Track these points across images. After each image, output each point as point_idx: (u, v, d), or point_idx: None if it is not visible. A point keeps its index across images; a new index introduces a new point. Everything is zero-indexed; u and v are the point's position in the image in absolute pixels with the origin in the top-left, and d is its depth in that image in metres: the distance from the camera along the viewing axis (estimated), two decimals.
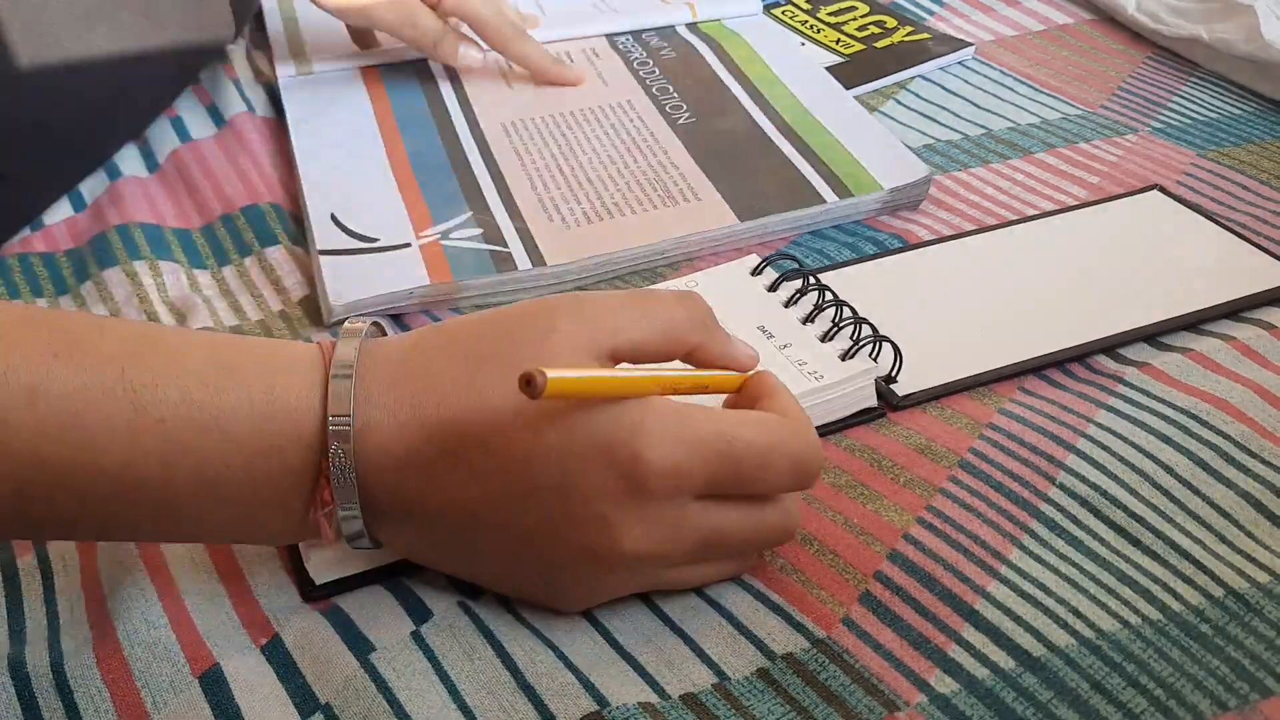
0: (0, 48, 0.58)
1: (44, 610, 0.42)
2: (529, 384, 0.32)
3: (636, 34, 0.79)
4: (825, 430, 0.48)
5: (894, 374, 0.50)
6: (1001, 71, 0.77)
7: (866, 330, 0.49)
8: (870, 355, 0.49)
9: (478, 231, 0.60)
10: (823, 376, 0.47)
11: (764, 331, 0.49)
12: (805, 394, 0.46)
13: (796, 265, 0.54)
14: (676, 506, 0.37)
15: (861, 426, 0.48)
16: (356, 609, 0.41)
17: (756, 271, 0.53)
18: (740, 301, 0.51)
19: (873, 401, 0.48)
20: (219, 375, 0.35)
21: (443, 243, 0.59)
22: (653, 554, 0.37)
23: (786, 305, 0.51)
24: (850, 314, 0.50)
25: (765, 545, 0.42)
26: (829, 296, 0.51)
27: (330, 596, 0.42)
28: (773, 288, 0.52)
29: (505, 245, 0.59)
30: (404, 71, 0.74)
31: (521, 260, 0.58)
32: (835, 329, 0.49)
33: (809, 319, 0.50)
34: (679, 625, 0.41)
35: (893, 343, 0.50)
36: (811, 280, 0.52)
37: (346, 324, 0.38)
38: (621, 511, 0.36)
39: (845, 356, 0.48)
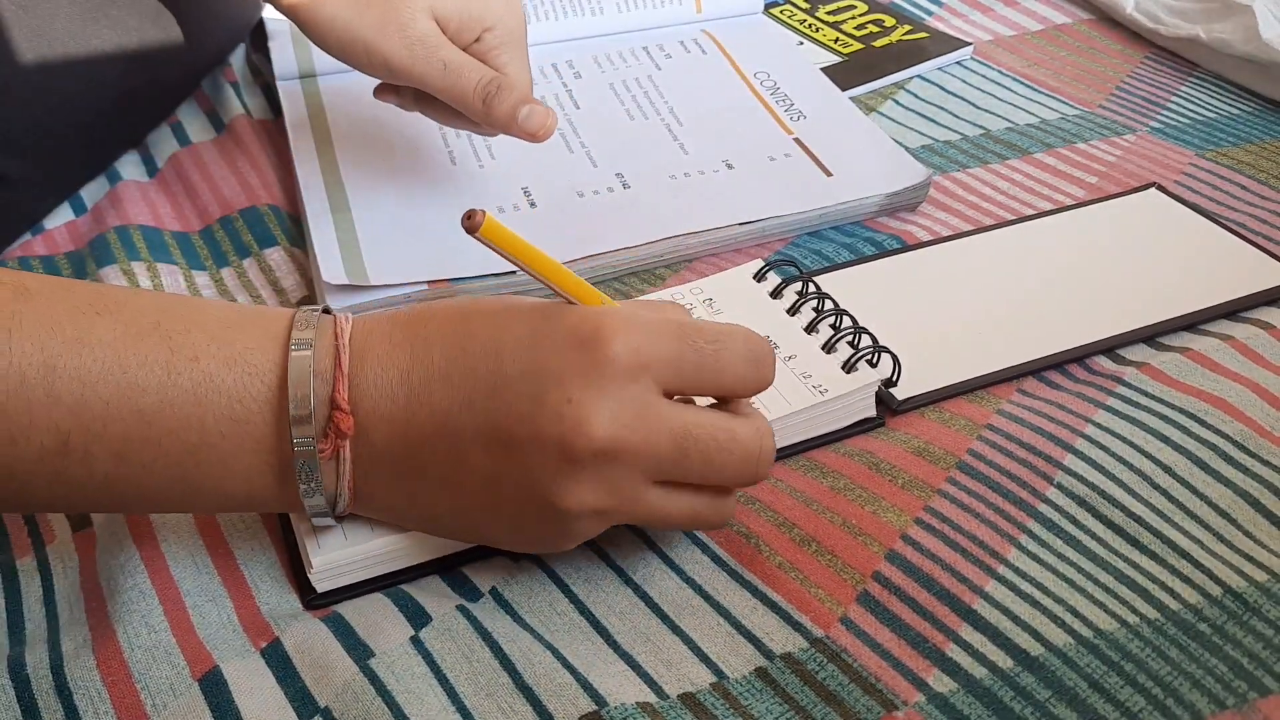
0: (7, 52, 0.58)
1: (43, 611, 0.42)
2: (469, 218, 0.36)
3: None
4: (825, 440, 0.48)
5: (894, 379, 0.50)
6: (1000, 71, 0.77)
7: (866, 340, 0.50)
8: (870, 362, 0.49)
9: None
10: (826, 390, 0.47)
11: (769, 342, 0.50)
12: (810, 408, 0.47)
13: (796, 269, 0.54)
14: (644, 390, 0.37)
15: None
16: (355, 614, 0.41)
17: (759, 277, 0.54)
18: (747, 311, 0.52)
19: (872, 411, 0.49)
20: (241, 318, 0.39)
21: None
22: (626, 442, 0.37)
23: (790, 313, 0.51)
24: (850, 323, 0.50)
25: (742, 466, 0.40)
26: (829, 305, 0.51)
27: (331, 605, 0.42)
28: (775, 294, 0.53)
29: None
30: None
31: None
32: (836, 337, 0.50)
33: (811, 328, 0.51)
34: (677, 624, 0.41)
35: (892, 353, 0.50)
36: (811, 286, 0.53)
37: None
38: (589, 392, 0.36)
39: (847, 368, 0.48)
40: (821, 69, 0.76)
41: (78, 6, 0.61)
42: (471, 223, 0.36)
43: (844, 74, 0.76)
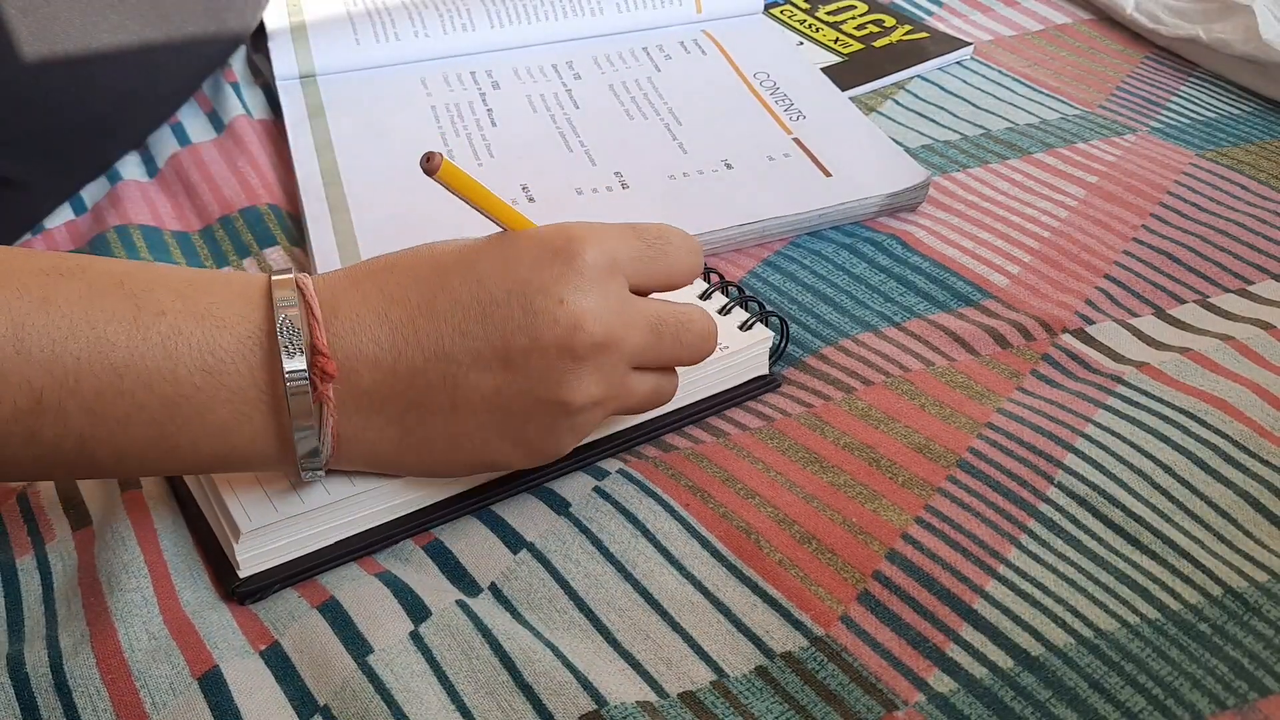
0: (8, 54, 0.58)
1: (43, 610, 0.42)
2: (428, 160, 0.39)
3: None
4: (725, 398, 0.51)
5: (785, 338, 0.53)
6: (1000, 71, 0.77)
7: (756, 306, 0.53)
8: (763, 323, 0.52)
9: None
10: (727, 346, 0.50)
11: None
12: (712, 362, 0.50)
13: None
14: (620, 287, 0.41)
15: (827, 408, 0.49)
16: (355, 605, 0.41)
17: None
18: None
19: (765, 369, 0.52)
20: (206, 278, 0.39)
21: None
22: (616, 333, 0.40)
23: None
24: (737, 292, 0.54)
25: (701, 342, 0.45)
26: (716, 278, 0.54)
27: (257, 593, 0.42)
28: None
29: None
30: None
31: None
32: (730, 303, 0.53)
33: (705, 295, 0.53)
34: (677, 622, 0.41)
35: (780, 316, 0.53)
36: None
37: None
38: (577, 294, 0.40)
39: (744, 327, 0.51)
40: (821, 69, 0.76)
41: (78, 9, 0.61)
42: (430, 165, 0.39)
43: (844, 74, 0.76)
